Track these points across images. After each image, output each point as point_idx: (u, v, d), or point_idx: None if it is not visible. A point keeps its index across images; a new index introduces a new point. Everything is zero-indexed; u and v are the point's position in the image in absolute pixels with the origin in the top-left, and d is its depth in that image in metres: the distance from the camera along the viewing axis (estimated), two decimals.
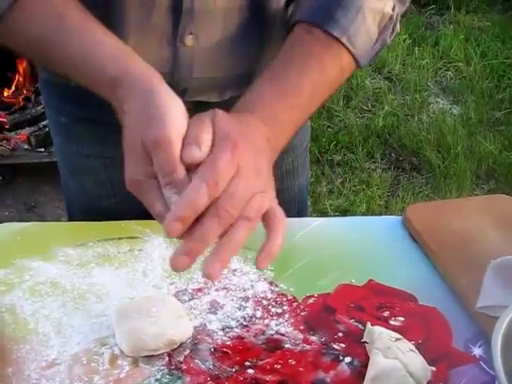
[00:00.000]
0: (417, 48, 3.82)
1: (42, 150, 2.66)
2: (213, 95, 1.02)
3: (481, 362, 0.83)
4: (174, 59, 0.96)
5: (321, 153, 2.89)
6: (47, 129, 2.67)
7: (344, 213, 2.52)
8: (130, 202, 1.13)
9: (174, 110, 0.72)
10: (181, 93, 0.78)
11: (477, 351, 0.85)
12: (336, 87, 0.91)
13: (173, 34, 0.94)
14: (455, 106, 3.45)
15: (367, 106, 3.33)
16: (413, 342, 0.85)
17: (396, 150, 3.03)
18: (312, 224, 1.07)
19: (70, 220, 1.23)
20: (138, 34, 0.93)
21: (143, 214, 1.05)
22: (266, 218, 0.73)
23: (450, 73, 3.68)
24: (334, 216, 2.43)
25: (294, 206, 1.20)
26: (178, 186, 0.68)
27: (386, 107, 3.29)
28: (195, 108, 0.77)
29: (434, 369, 0.82)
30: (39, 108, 2.69)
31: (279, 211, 0.75)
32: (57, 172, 1.23)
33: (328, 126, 3.08)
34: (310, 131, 1.27)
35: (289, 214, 1.09)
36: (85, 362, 0.80)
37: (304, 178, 1.23)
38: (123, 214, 1.04)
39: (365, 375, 0.79)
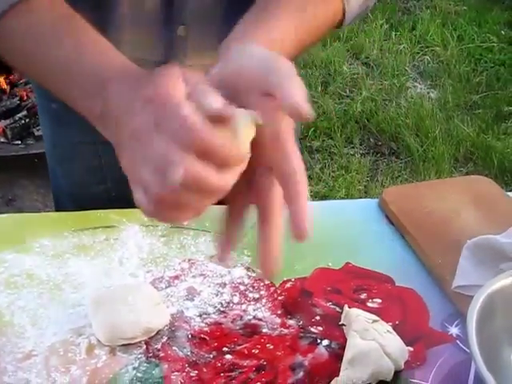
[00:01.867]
0: (394, 33, 3.83)
1: (19, 142, 2.63)
2: None
3: (457, 341, 0.84)
4: (168, 48, 0.95)
5: (300, 139, 2.88)
6: (23, 121, 2.64)
7: (323, 198, 2.53)
8: (120, 187, 1.13)
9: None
10: None
11: (453, 330, 0.86)
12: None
13: (166, 22, 0.93)
14: (433, 90, 3.46)
15: (345, 92, 3.33)
16: (390, 324, 0.85)
17: (374, 134, 3.03)
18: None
19: (57, 208, 1.22)
20: (132, 24, 0.92)
21: (132, 200, 1.05)
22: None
23: (427, 57, 3.69)
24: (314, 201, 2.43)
25: None
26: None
27: (364, 92, 3.29)
28: None
29: (412, 349, 0.82)
30: (14, 100, 2.66)
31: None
32: (34, 165, 1.22)
33: None
34: None
35: None
36: (61, 353, 0.80)
37: None
38: (112, 201, 1.04)
39: (343, 357, 0.79)
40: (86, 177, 1.14)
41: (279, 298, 0.89)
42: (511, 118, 3.22)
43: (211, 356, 0.80)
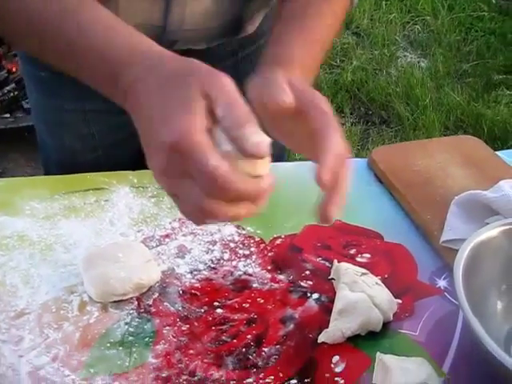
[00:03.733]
0: (384, 2, 3.81)
1: (8, 115, 2.62)
2: (200, 44, 1.01)
3: (445, 293, 0.85)
4: (166, 12, 0.94)
5: None
6: (12, 94, 2.62)
7: None
8: (112, 155, 1.13)
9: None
10: (170, 45, 0.75)
11: (441, 283, 0.87)
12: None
13: None
14: (423, 59, 3.45)
15: (336, 62, 3.32)
16: (379, 277, 0.86)
17: (365, 104, 3.03)
18: (278, 169, 1.07)
19: None
20: None
21: (123, 167, 1.05)
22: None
23: (417, 26, 3.68)
24: None
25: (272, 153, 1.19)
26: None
27: (355, 62, 3.29)
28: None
29: (400, 301, 0.83)
30: (2, 73, 2.64)
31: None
32: (24, 138, 1.22)
33: None
34: None
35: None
36: (54, 310, 0.80)
37: None
38: (103, 169, 1.04)
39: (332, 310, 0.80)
40: (76, 145, 1.13)
41: (269, 254, 0.89)
42: (501, 86, 3.22)
43: (202, 310, 0.81)
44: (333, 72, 3.24)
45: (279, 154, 1.21)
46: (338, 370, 0.72)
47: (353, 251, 0.91)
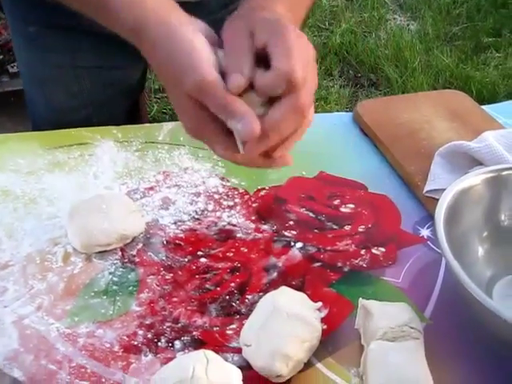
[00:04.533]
0: None
1: None
2: None
3: (428, 242, 0.86)
4: None
5: None
6: None
7: None
8: (103, 112, 1.12)
9: (198, 43, 0.65)
10: None
11: (425, 232, 0.87)
12: None
13: None
14: (413, 22, 3.43)
15: (324, 25, 3.29)
16: (363, 227, 0.87)
17: (354, 66, 3.01)
18: None
19: None
20: None
21: (114, 124, 1.04)
22: None
23: None
24: None
25: None
26: (240, 116, 0.62)
27: (344, 25, 3.26)
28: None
29: (384, 250, 0.84)
30: None
31: None
32: (10, 103, 1.20)
33: None
34: None
35: None
36: (38, 262, 0.80)
37: None
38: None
39: (316, 259, 0.81)
40: (67, 103, 1.12)
41: (253, 205, 0.89)
42: (490, 48, 3.21)
43: (186, 260, 0.81)
44: (321, 35, 3.21)
45: None
46: (321, 315, 0.72)
47: (337, 202, 0.91)
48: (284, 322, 0.67)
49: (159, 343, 0.71)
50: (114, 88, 1.07)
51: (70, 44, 1.04)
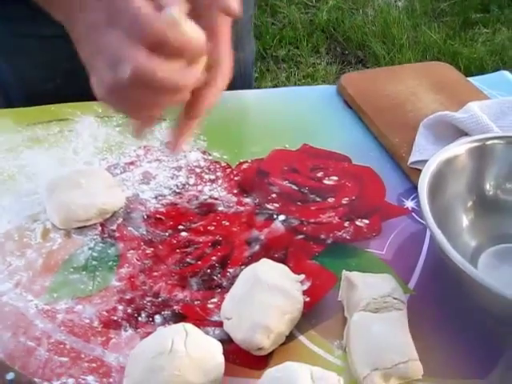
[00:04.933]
0: None
1: None
2: None
3: (413, 214, 0.84)
4: None
5: (265, 49, 2.84)
6: None
7: None
8: (72, 84, 1.10)
9: None
10: None
11: (409, 204, 0.86)
12: None
13: None
14: None
15: (311, 2, 3.27)
16: (346, 199, 0.85)
17: (341, 43, 2.99)
18: (246, 96, 1.06)
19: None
20: None
21: (85, 97, 1.02)
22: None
23: None
24: None
25: (239, 81, 1.17)
26: None
27: (331, 2, 3.24)
28: None
29: (367, 222, 0.83)
30: None
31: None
32: None
33: (272, 23, 3.02)
34: (254, 28, 1.24)
35: (234, 88, 1.07)
36: (17, 238, 0.79)
37: (249, 50, 1.19)
38: (64, 99, 1.01)
39: (299, 231, 0.80)
40: (35, 74, 1.10)
41: (235, 178, 0.88)
42: (478, 24, 3.20)
43: (167, 234, 0.79)
44: (308, 12, 3.19)
45: (246, 82, 1.19)
46: (303, 288, 0.71)
47: (320, 174, 0.90)
48: (265, 293, 0.66)
49: (139, 318, 0.69)
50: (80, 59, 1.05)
51: (32, 13, 1.02)
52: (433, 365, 0.65)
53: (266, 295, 0.65)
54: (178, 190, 0.86)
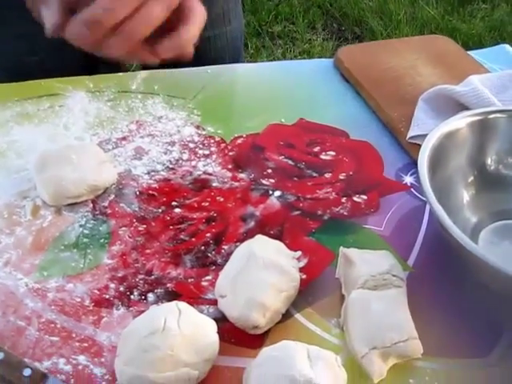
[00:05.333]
0: None
1: None
2: None
3: (412, 189, 0.83)
4: None
5: (261, 25, 2.80)
6: None
7: None
8: (53, 59, 1.07)
9: None
10: None
11: (408, 179, 0.84)
12: None
13: None
14: None
15: None
16: (344, 174, 0.84)
17: (338, 19, 2.95)
18: (241, 69, 1.03)
19: None
20: None
21: (68, 72, 1.00)
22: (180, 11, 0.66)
23: None
24: None
25: (227, 55, 1.15)
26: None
27: None
28: None
29: (365, 197, 0.81)
30: None
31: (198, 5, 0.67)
32: None
33: None
34: (249, 4, 1.22)
35: (222, 63, 1.05)
36: (6, 216, 0.77)
37: (237, 23, 1.17)
38: (48, 74, 0.98)
39: (295, 207, 0.78)
40: (17, 46, 1.07)
41: (230, 153, 0.86)
42: (477, 0, 3.16)
43: (160, 210, 0.77)
44: None
45: (235, 55, 1.16)
46: (300, 265, 0.69)
47: (317, 149, 0.88)
48: (260, 270, 0.64)
49: (132, 296, 0.68)
50: None
51: None
52: (432, 343, 0.64)
53: (261, 272, 0.64)
54: (171, 166, 0.84)
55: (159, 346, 0.56)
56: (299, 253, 0.70)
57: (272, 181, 0.82)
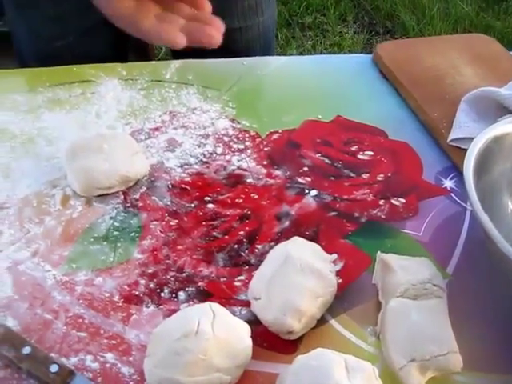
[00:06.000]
0: None
1: None
2: None
3: (452, 194, 0.80)
4: None
5: (291, 16, 2.76)
6: None
7: None
8: (83, 43, 1.06)
9: None
10: None
11: (448, 183, 0.81)
12: None
13: None
14: None
15: None
16: (382, 175, 0.81)
17: (369, 13, 2.91)
18: (277, 62, 1.01)
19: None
20: None
21: (97, 58, 0.98)
22: None
23: None
24: None
25: (258, 46, 1.13)
26: None
27: None
28: None
29: (404, 201, 0.78)
30: None
31: None
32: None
33: None
34: None
35: (254, 54, 1.03)
36: (35, 205, 0.75)
37: (269, 14, 1.15)
38: (77, 58, 0.97)
39: (331, 208, 0.75)
40: (47, 30, 1.05)
41: (265, 149, 0.84)
42: None
43: (192, 205, 0.75)
44: None
45: (266, 47, 1.14)
46: (336, 268, 0.67)
47: (354, 148, 0.85)
48: (297, 274, 0.62)
49: (162, 294, 0.66)
50: (95, 14, 1.01)
51: None
52: (471, 357, 0.61)
53: (298, 276, 0.61)
54: (204, 159, 0.82)
55: (192, 350, 0.54)
56: (335, 256, 0.68)
57: (308, 179, 0.80)
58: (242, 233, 0.72)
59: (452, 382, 0.60)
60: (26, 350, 0.58)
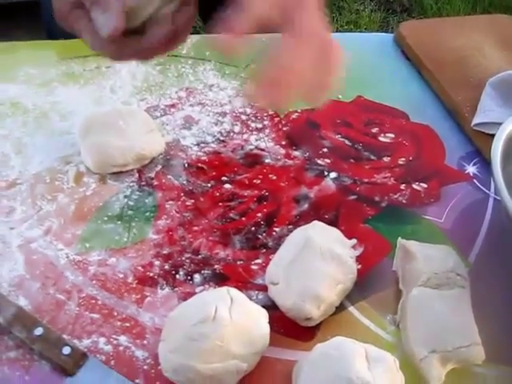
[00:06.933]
0: None
1: None
2: None
3: (475, 180, 0.78)
4: None
5: None
6: None
7: None
8: None
9: None
10: None
11: (471, 169, 0.79)
12: None
13: None
14: None
15: None
16: (403, 159, 0.79)
17: None
18: None
19: None
20: None
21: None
22: None
23: None
24: None
25: None
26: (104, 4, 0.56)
27: None
28: None
29: (425, 186, 0.76)
30: None
31: None
32: (28, 14, 1.10)
33: None
34: None
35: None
36: (48, 181, 0.74)
37: None
38: None
39: (351, 191, 0.73)
40: None
41: (284, 128, 0.81)
42: None
43: (209, 185, 0.74)
44: None
45: None
46: (356, 253, 0.65)
47: (375, 130, 0.83)
48: (317, 259, 0.60)
49: (177, 276, 0.64)
50: None
51: None
52: (493, 349, 0.59)
53: (318, 261, 0.60)
54: (221, 138, 0.80)
55: (209, 336, 0.52)
56: (355, 241, 0.66)
57: (327, 161, 0.78)
58: (259, 215, 0.71)
59: (472, 373, 0.59)
60: (39, 330, 0.57)
